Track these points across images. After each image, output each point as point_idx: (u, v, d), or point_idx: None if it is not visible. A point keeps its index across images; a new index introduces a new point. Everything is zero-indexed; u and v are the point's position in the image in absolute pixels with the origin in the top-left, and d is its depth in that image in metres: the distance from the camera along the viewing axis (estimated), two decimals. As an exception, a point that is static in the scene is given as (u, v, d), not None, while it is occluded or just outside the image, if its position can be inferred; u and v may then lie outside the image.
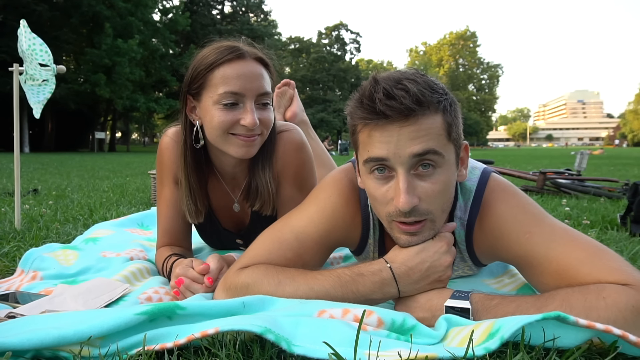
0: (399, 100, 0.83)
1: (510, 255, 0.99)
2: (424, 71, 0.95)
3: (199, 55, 1.21)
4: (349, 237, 1.13)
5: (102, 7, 27.36)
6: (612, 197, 3.62)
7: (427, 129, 0.85)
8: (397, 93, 0.83)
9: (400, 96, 0.83)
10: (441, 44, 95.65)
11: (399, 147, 0.85)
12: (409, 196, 0.85)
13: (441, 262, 0.92)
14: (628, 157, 16.47)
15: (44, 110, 2.12)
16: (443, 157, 0.88)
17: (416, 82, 0.86)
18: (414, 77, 0.87)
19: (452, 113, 0.90)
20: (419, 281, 0.92)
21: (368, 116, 0.87)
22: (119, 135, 53.40)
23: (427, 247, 0.93)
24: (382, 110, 0.84)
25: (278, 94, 2.15)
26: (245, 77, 1.16)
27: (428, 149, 0.85)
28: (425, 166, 0.87)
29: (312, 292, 0.94)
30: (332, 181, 1.13)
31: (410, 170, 0.87)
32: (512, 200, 1.00)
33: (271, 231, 1.10)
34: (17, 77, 2.09)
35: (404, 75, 0.88)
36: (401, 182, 0.86)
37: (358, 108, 0.89)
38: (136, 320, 0.79)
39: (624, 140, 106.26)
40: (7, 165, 8.86)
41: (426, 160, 0.87)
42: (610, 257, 0.88)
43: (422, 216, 0.89)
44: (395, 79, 0.86)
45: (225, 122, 1.15)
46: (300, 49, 56.39)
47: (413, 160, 0.86)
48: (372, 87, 0.87)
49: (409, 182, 0.86)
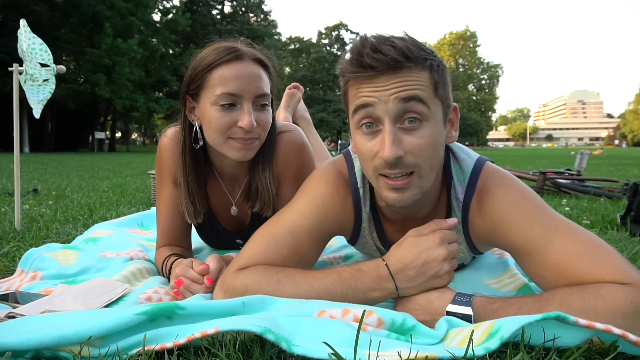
0: (386, 53, 0.85)
1: (509, 242, 0.98)
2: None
3: (198, 55, 1.21)
4: (342, 224, 1.14)
5: (102, 7, 27.35)
6: (612, 197, 3.62)
7: (413, 80, 0.87)
8: (384, 47, 0.85)
9: (387, 50, 0.85)
10: (441, 44, 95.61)
11: (385, 94, 0.87)
12: (393, 147, 0.87)
13: (434, 255, 0.92)
14: (628, 157, 16.47)
15: (43, 110, 2.12)
16: (429, 108, 0.89)
17: (404, 39, 0.89)
18: (401, 36, 0.90)
19: (440, 72, 0.91)
20: (415, 278, 0.92)
21: (356, 70, 0.88)
22: (119, 135, 53.42)
23: (419, 242, 0.93)
24: (369, 63, 0.86)
25: (288, 94, 2.24)
26: (243, 78, 1.15)
27: (413, 95, 0.86)
28: (412, 120, 0.88)
29: (312, 290, 0.94)
30: (320, 172, 1.14)
31: (396, 122, 0.88)
32: (513, 186, 1.01)
33: (265, 229, 1.10)
34: (17, 77, 2.09)
35: (392, 34, 0.91)
36: (387, 134, 0.87)
37: (347, 63, 0.91)
38: (136, 320, 0.79)
39: (623, 141, 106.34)
40: (7, 165, 8.86)
41: (412, 113, 0.88)
42: (609, 254, 0.88)
43: (408, 168, 0.90)
44: (383, 37, 0.89)
45: (223, 124, 1.15)
46: (300, 49, 56.39)
47: (399, 107, 0.87)
48: (361, 43, 0.88)
49: (395, 134, 0.88)
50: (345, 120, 55.38)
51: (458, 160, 1.07)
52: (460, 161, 1.06)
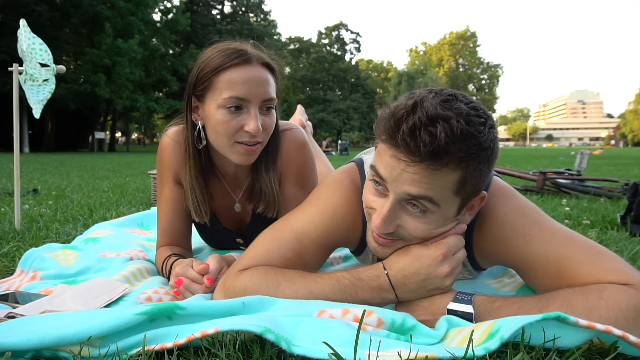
0: (419, 144, 0.77)
1: (510, 259, 0.98)
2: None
3: (205, 56, 1.20)
4: (350, 237, 1.12)
5: (102, 7, 27.36)
6: (612, 197, 3.62)
7: (434, 180, 0.81)
8: (422, 135, 0.77)
9: (423, 141, 0.77)
10: (441, 44, 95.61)
11: (399, 179, 0.83)
12: (384, 223, 0.86)
13: (437, 273, 0.90)
14: (628, 157, 16.46)
15: (43, 110, 2.12)
16: (439, 207, 0.85)
17: (451, 125, 0.77)
18: (457, 117, 0.78)
19: (478, 167, 0.82)
20: (416, 290, 0.92)
21: (387, 138, 0.83)
22: (119, 135, 53.38)
23: (422, 257, 0.90)
24: (399, 142, 0.80)
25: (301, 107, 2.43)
26: (251, 83, 1.15)
27: (424, 195, 0.82)
28: (415, 206, 0.86)
29: (311, 295, 0.94)
30: (334, 181, 1.11)
31: (400, 201, 0.86)
32: (511, 203, 1.00)
33: (271, 231, 1.09)
34: (17, 77, 2.09)
35: (448, 108, 0.79)
36: (385, 207, 0.86)
37: (383, 125, 0.85)
38: (136, 320, 0.79)
39: (620, 141, 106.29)
40: (7, 165, 8.86)
41: (418, 204, 0.85)
42: (610, 258, 0.88)
43: (397, 237, 0.90)
44: (432, 116, 0.78)
45: (230, 128, 1.15)
46: (300, 49, 56.39)
47: (406, 197, 0.84)
48: (406, 112, 0.80)
49: (393, 211, 0.86)
50: (345, 121, 54.39)
51: None
52: None
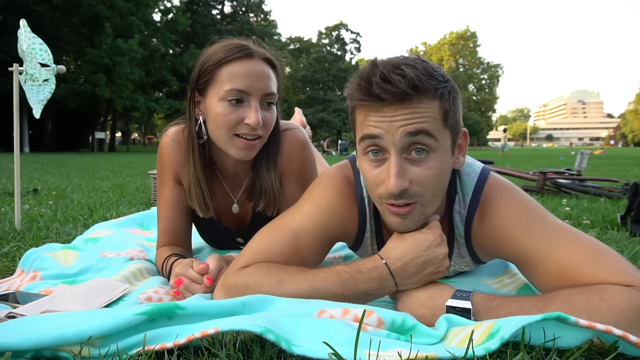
0: (395, 84, 0.84)
1: (511, 253, 0.98)
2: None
3: (208, 51, 1.23)
4: (346, 231, 1.13)
5: (102, 7, 27.31)
6: (612, 197, 3.62)
7: (421, 112, 0.86)
8: (393, 77, 0.84)
9: (397, 80, 0.84)
10: (441, 44, 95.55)
11: (393, 126, 0.86)
12: (399, 179, 0.86)
13: (436, 254, 0.93)
14: (628, 157, 16.47)
15: (44, 110, 2.12)
16: (437, 140, 0.88)
17: (415, 67, 0.86)
18: (413, 63, 0.87)
19: (451, 100, 0.90)
20: (415, 274, 0.94)
21: (364, 98, 0.88)
22: (118, 135, 53.39)
23: (420, 241, 0.93)
24: (377, 93, 0.85)
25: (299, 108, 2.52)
26: (252, 76, 1.17)
27: (421, 129, 0.86)
28: (419, 151, 0.88)
29: (313, 289, 0.94)
30: (327, 177, 1.14)
31: (402, 153, 0.88)
32: (514, 198, 1.01)
33: (268, 229, 1.10)
34: (17, 77, 2.09)
35: (404, 60, 0.88)
36: (392, 165, 0.87)
37: (356, 90, 0.90)
38: (136, 320, 0.79)
39: (620, 141, 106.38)
40: (7, 165, 8.86)
41: (419, 145, 0.87)
42: (613, 258, 0.88)
43: (413, 199, 0.90)
44: (394, 64, 0.87)
45: (230, 120, 1.16)
46: (300, 49, 56.38)
47: (405, 140, 0.86)
48: (371, 70, 0.87)
49: (401, 165, 0.87)
50: (345, 120, 54.63)
51: (462, 174, 1.06)
52: (465, 175, 1.06)
